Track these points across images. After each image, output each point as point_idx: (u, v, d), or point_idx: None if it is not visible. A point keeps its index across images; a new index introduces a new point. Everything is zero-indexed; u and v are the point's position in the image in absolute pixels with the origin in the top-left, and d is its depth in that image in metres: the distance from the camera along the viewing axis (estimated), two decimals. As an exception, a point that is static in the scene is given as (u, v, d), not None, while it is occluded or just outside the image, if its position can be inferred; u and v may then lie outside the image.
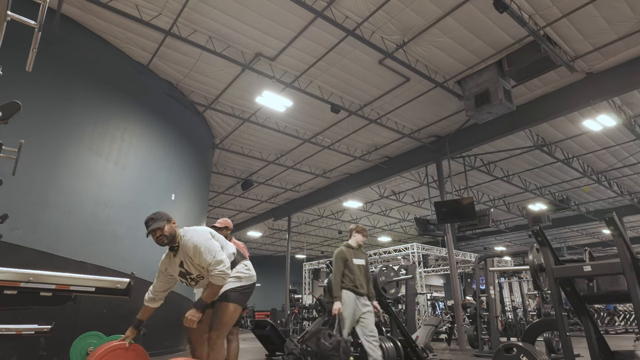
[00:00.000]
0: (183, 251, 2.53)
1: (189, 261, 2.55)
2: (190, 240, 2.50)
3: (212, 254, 2.46)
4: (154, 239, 2.47)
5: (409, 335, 4.48)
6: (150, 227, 2.44)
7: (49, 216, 5.24)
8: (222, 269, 2.44)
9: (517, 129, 8.66)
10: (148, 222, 2.47)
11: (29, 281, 2.41)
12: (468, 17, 6.25)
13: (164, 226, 2.47)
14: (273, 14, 6.22)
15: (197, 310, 2.40)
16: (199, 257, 2.47)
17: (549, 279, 2.51)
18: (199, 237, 2.53)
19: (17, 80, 4.92)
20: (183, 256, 2.55)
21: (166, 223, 2.49)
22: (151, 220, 2.47)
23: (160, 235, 2.45)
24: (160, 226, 2.44)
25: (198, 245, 2.47)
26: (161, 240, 2.46)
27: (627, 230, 18.71)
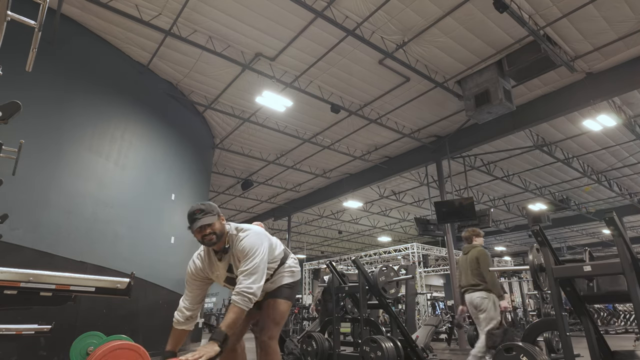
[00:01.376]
0: (235, 253, 2.06)
1: (237, 263, 2.11)
2: (244, 240, 2.05)
3: (252, 264, 1.98)
4: (199, 237, 1.98)
5: (409, 335, 4.48)
6: (200, 222, 1.94)
7: (49, 216, 5.25)
8: (252, 289, 1.92)
9: (517, 129, 8.66)
10: (195, 214, 1.96)
11: (29, 281, 2.41)
12: (468, 17, 6.25)
13: (215, 223, 1.99)
14: (273, 14, 6.22)
15: (214, 344, 1.78)
16: (242, 263, 2.03)
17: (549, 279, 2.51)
18: (252, 238, 2.07)
19: (17, 80, 4.92)
20: (234, 258, 2.08)
21: (217, 219, 2.02)
22: (200, 212, 1.97)
23: (209, 234, 1.97)
24: (211, 222, 1.96)
25: (249, 248, 2.03)
26: (210, 239, 1.97)
27: (627, 230, 18.71)
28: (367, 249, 22.23)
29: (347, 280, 5.18)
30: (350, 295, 4.94)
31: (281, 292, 2.27)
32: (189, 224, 1.98)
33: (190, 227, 1.98)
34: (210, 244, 2.01)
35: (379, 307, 4.88)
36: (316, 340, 4.60)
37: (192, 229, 1.97)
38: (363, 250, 22.86)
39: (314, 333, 4.73)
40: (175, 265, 7.45)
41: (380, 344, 3.98)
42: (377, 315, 12.52)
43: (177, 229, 7.55)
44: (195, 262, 2.16)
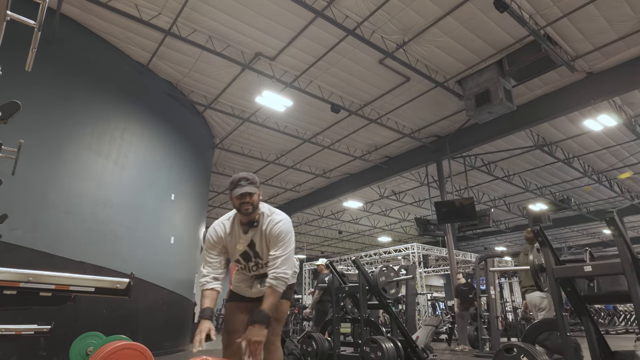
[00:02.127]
0: (262, 230, 2.10)
1: (264, 244, 2.12)
2: (280, 224, 2.08)
3: (287, 251, 2.06)
4: (237, 203, 2.04)
5: (409, 336, 4.47)
6: (244, 189, 2.00)
7: (48, 216, 5.24)
8: (288, 275, 2.02)
9: (518, 128, 8.66)
10: (241, 181, 2.03)
11: (28, 281, 2.40)
12: (468, 17, 6.24)
13: (255, 194, 2.05)
14: (273, 14, 6.21)
15: (262, 327, 1.87)
16: (272, 246, 2.07)
17: (549, 279, 2.50)
18: (288, 225, 2.11)
19: (17, 80, 4.91)
20: (260, 236, 2.11)
21: (257, 192, 2.07)
22: (245, 181, 2.04)
23: (248, 202, 2.02)
24: (253, 192, 2.03)
25: (285, 234, 2.07)
26: (246, 209, 2.02)
27: (628, 230, 18.69)
28: (367, 249, 22.22)
29: (347, 281, 5.17)
30: (350, 296, 4.93)
31: (284, 295, 2.25)
32: (231, 188, 2.06)
33: (231, 192, 2.05)
34: (245, 213, 2.04)
35: (379, 308, 4.88)
36: (316, 341, 4.59)
37: (233, 194, 2.04)
38: (363, 250, 22.85)
39: (314, 333, 4.72)
40: (175, 266, 7.44)
41: (380, 344, 3.97)
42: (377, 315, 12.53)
43: (176, 229, 7.55)
44: (217, 229, 2.17)
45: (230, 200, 2.09)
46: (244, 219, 2.10)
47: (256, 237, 2.12)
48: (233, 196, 2.05)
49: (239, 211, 2.07)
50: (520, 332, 8.31)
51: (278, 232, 2.06)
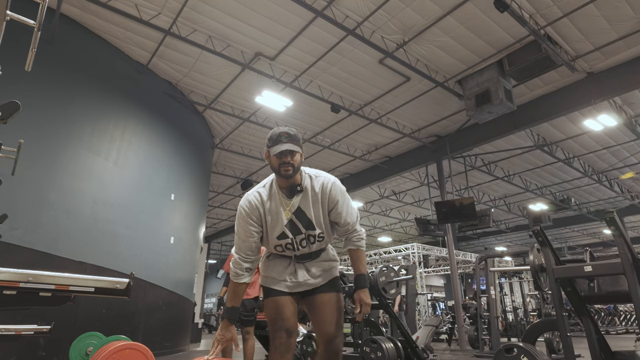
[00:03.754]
0: (313, 194, 1.77)
1: (319, 210, 1.78)
2: (335, 183, 1.81)
3: (355, 214, 1.87)
4: (276, 163, 1.70)
5: (409, 336, 4.47)
6: (285, 146, 1.67)
7: (48, 216, 5.24)
8: (364, 235, 1.90)
9: (518, 128, 8.65)
10: (281, 137, 1.70)
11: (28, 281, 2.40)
12: (468, 17, 6.24)
13: (297, 153, 1.72)
14: (273, 14, 6.21)
15: (367, 291, 1.81)
16: (338, 211, 1.79)
17: (549, 279, 2.50)
18: (343, 190, 1.85)
19: (17, 80, 4.91)
20: (310, 201, 1.78)
21: (300, 151, 1.74)
22: (286, 136, 1.70)
23: (288, 163, 1.68)
24: (296, 150, 1.69)
25: (344, 192, 1.83)
26: (286, 170, 1.68)
27: (628, 230, 18.69)
28: (367, 249, 22.22)
29: (347, 281, 5.17)
30: (350, 296, 4.92)
31: (336, 284, 1.89)
32: (269, 144, 1.72)
33: (269, 150, 1.72)
34: (285, 175, 1.69)
35: (379, 308, 4.87)
36: (316, 341, 4.59)
37: (271, 151, 1.70)
38: (363, 250, 22.80)
39: (313, 334, 4.71)
40: (175, 266, 7.44)
41: (380, 344, 3.97)
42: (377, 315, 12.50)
43: (176, 229, 7.55)
44: (251, 200, 1.78)
45: (267, 160, 1.76)
46: (284, 182, 1.75)
47: (304, 203, 1.77)
48: (271, 154, 1.70)
49: (277, 173, 1.73)
50: (521, 332, 8.31)
51: (334, 194, 1.78)
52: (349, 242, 1.87)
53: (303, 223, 1.78)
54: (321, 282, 1.85)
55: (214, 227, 19.13)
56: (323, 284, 1.85)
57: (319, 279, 1.85)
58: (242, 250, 1.77)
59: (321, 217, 1.79)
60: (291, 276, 1.83)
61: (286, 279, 1.83)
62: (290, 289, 1.82)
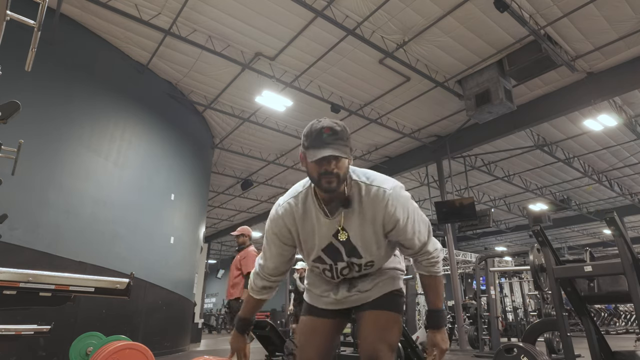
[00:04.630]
0: (363, 211, 1.31)
1: (369, 234, 1.33)
2: (394, 197, 1.31)
3: (427, 227, 1.41)
4: (314, 172, 1.23)
5: (409, 336, 4.46)
6: (328, 151, 1.19)
7: (48, 216, 5.24)
8: (440, 253, 1.43)
9: (518, 128, 8.65)
10: (323, 135, 1.22)
11: (28, 281, 2.40)
12: (468, 17, 6.24)
13: (344, 160, 1.24)
14: (273, 14, 6.21)
15: (445, 332, 1.39)
16: (401, 231, 1.33)
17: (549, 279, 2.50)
18: (406, 199, 1.37)
19: (17, 79, 4.91)
20: (359, 220, 1.32)
21: (349, 154, 1.27)
22: (331, 135, 1.23)
23: (332, 173, 1.21)
24: (343, 155, 1.22)
25: (410, 203, 1.36)
26: (329, 182, 1.21)
27: (628, 230, 18.68)
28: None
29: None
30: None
31: (393, 300, 1.45)
32: (306, 143, 1.24)
33: (307, 151, 1.23)
34: (327, 189, 1.22)
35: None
36: None
37: (309, 155, 1.21)
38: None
39: None
40: (175, 266, 7.44)
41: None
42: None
43: (176, 229, 7.55)
44: (281, 213, 1.37)
45: (302, 164, 1.29)
46: (326, 196, 1.30)
47: (349, 224, 1.32)
48: (308, 159, 1.22)
49: (317, 185, 1.26)
50: (521, 332, 8.31)
51: (397, 207, 1.30)
52: (419, 265, 1.42)
53: (346, 248, 1.35)
54: (370, 296, 1.43)
55: (214, 227, 19.13)
56: (374, 298, 1.42)
57: (367, 293, 1.44)
58: (266, 264, 1.45)
59: (372, 242, 1.34)
60: (331, 292, 1.47)
61: (327, 294, 1.48)
62: (331, 305, 1.47)
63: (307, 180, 1.36)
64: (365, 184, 1.32)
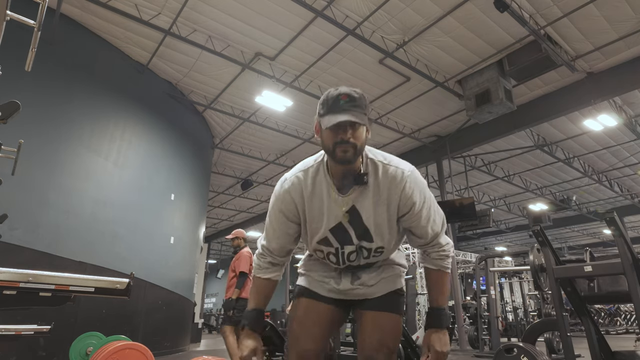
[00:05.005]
0: (375, 192, 1.23)
1: (383, 216, 1.24)
2: (412, 179, 1.23)
3: (441, 218, 1.31)
4: (329, 141, 1.15)
5: (409, 336, 4.46)
6: (345, 116, 1.11)
7: (48, 216, 5.24)
8: (451, 249, 1.32)
9: (518, 128, 8.65)
10: (340, 101, 1.15)
11: (28, 281, 2.41)
12: (468, 17, 6.24)
13: (362, 127, 1.16)
14: (273, 14, 6.21)
15: (446, 333, 1.26)
16: (414, 217, 1.24)
17: (549, 279, 2.50)
18: (424, 184, 1.27)
19: (17, 79, 4.90)
20: (370, 201, 1.23)
21: (368, 123, 1.17)
22: (348, 101, 1.14)
23: (349, 142, 1.13)
24: (360, 122, 1.13)
25: (426, 192, 1.26)
26: (345, 151, 1.14)
27: (628, 230, 18.68)
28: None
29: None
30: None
31: (395, 301, 1.36)
32: (322, 111, 1.17)
33: (322, 119, 1.15)
34: (343, 160, 1.14)
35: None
36: None
37: (324, 122, 1.13)
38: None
39: None
40: (175, 266, 7.44)
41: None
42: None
43: (176, 229, 7.55)
44: (287, 190, 1.27)
45: (316, 135, 1.21)
46: (339, 169, 1.20)
47: (363, 202, 1.23)
48: (322, 127, 1.15)
49: (330, 155, 1.17)
50: (521, 332, 8.31)
51: (414, 188, 1.21)
52: (427, 258, 1.31)
53: (357, 230, 1.26)
54: (375, 293, 1.35)
55: (214, 227, 19.12)
56: (377, 296, 1.34)
57: (372, 288, 1.35)
58: (270, 245, 1.33)
59: (385, 225, 1.25)
60: (333, 280, 1.37)
61: (329, 281, 1.37)
62: (332, 294, 1.36)
63: (319, 154, 1.29)
64: (382, 163, 1.24)
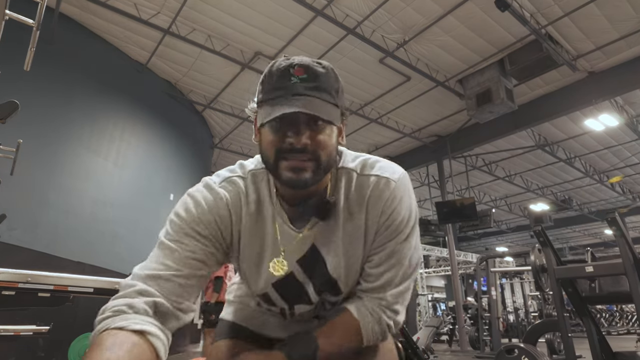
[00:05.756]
0: (346, 219, 0.81)
1: (357, 253, 0.82)
2: (405, 196, 0.81)
3: (416, 262, 0.84)
4: (273, 147, 0.73)
5: (409, 337, 4.45)
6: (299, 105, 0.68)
7: (47, 216, 5.23)
8: (398, 321, 0.84)
9: (519, 128, 8.62)
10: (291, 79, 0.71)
11: (26, 282, 2.39)
12: (469, 16, 6.22)
13: (329, 128, 0.74)
14: (273, 13, 6.20)
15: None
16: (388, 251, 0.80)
17: (550, 279, 2.49)
18: (413, 196, 0.84)
19: (15, 79, 4.89)
20: (338, 235, 0.81)
21: (340, 121, 0.77)
22: (309, 80, 0.71)
23: (306, 150, 0.70)
24: (326, 116, 0.70)
25: (413, 216, 0.82)
26: (298, 169, 0.71)
27: (630, 231, 18.59)
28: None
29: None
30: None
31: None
32: (260, 96, 0.76)
33: (261, 108, 0.75)
34: (293, 182, 0.72)
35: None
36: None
37: (264, 112, 0.73)
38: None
39: None
40: (175, 266, 7.43)
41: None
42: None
43: (176, 229, 7.53)
44: (222, 195, 0.83)
45: (254, 137, 0.82)
46: (289, 192, 0.79)
47: (330, 240, 0.82)
48: (259, 121, 0.76)
49: (273, 173, 0.77)
50: (522, 333, 8.29)
51: (404, 201, 0.80)
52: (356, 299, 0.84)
53: (317, 283, 0.84)
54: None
55: (214, 227, 19.11)
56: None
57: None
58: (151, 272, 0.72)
59: (359, 264, 0.83)
60: (276, 324, 0.97)
61: (268, 320, 0.98)
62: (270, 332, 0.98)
63: (252, 161, 0.90)
64: (359, 172, 0.81)
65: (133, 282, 0.69)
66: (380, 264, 0.81)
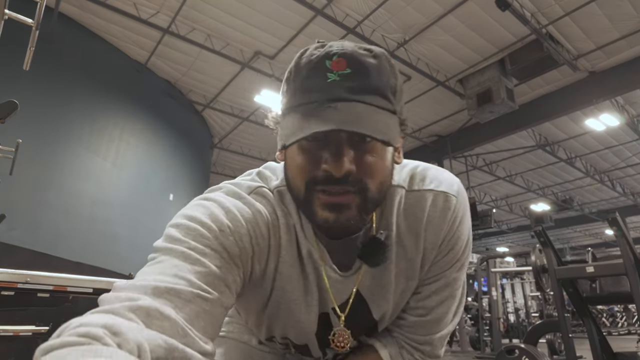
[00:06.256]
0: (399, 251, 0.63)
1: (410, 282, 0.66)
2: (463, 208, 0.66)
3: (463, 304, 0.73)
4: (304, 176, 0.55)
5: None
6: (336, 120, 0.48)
7: (46, 216, 5.23)
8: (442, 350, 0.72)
9: (520, 128, 8.61)
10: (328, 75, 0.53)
11: (26, 282, 2.39)
12: (470, 15, 6.21)
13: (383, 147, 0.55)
14: (273, 12, 6.19)
15: None
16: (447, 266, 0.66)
17: (551, 280, 2.48)
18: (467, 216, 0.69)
19: (15, 79, 4.89)
20: (390, 273, 0.64)
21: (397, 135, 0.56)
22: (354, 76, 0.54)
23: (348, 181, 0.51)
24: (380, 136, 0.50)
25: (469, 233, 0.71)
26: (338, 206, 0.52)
27: (630, 231, 18.61)
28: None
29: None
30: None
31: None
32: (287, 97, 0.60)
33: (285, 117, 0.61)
34: (330, 226, 0.55)
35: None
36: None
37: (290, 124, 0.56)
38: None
39: None
40: (175, 266, 7.43)
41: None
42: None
43: (176, 229, 7.53)
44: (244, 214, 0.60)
45: (278, 155, 0.70)
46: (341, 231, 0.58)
47: (378, 284, 0.65)
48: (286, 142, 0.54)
49: (305, 213, 0.59)
50: (522, 333, 8.28)
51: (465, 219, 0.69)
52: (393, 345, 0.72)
53: (357, 327, 0.70)
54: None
55: (214, 227, 19.12)
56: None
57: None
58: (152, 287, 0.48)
59: (406, 298, 0.70)
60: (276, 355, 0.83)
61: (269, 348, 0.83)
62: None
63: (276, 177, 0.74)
64: (405, 190, 0.64)
65: (134, 295, 0.45)
66: (430, 295, 0.66)
